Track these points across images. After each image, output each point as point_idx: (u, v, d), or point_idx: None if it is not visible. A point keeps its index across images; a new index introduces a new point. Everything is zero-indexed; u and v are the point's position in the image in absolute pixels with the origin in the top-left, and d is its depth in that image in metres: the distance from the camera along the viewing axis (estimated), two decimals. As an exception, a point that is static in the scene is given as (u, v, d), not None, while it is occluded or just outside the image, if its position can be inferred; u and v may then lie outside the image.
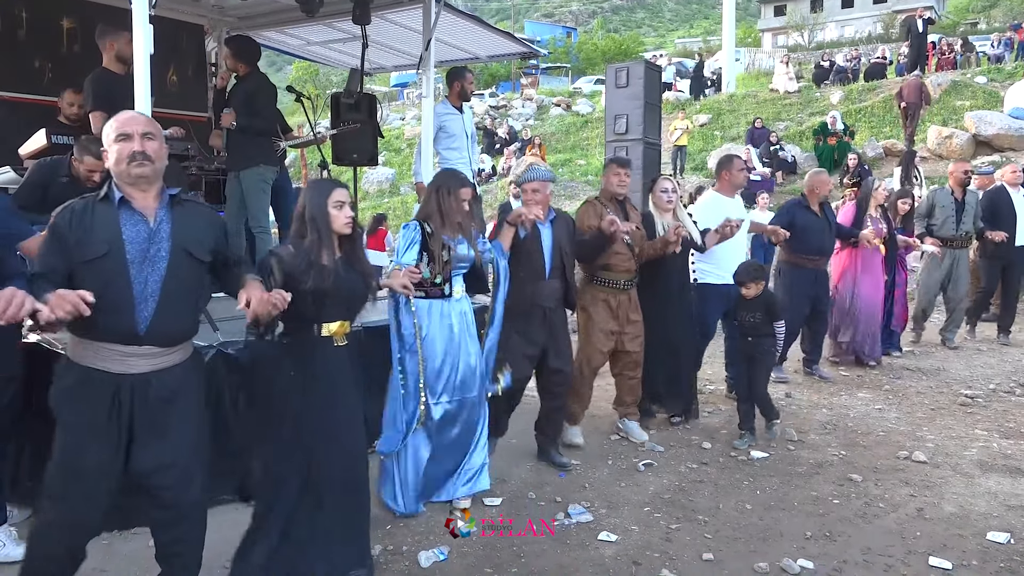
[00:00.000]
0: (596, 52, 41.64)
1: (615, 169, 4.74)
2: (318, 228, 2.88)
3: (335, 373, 2.94)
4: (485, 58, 7.91)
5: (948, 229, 7.31)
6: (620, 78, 7.25)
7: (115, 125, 2.46)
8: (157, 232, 2.45)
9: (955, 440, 4.89)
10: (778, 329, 4.74)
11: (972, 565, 3.26)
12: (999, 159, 13.66)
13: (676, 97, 22.32)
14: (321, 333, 2.90)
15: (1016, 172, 7.81)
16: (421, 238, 3.64)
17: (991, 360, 7.10)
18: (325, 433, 2.89)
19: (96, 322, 2.30)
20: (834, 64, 22.35)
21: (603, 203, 4.69)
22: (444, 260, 3.64)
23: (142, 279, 2.39)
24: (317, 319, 2.88)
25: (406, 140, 22.76)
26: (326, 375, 2.91)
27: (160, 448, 2.45)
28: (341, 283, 2.89)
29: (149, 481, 2.47)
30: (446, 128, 6.15)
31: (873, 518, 3.75)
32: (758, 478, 4.26)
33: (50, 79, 5.96)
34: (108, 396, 2.38)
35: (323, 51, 7.89)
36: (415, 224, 3.69)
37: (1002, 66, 19.16)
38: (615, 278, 4.63)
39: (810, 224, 6.08)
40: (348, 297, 2.95)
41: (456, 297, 3.76)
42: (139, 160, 2.41)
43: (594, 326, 4.65)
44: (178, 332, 2.50)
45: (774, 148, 15.18)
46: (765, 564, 3.25)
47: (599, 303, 4.65)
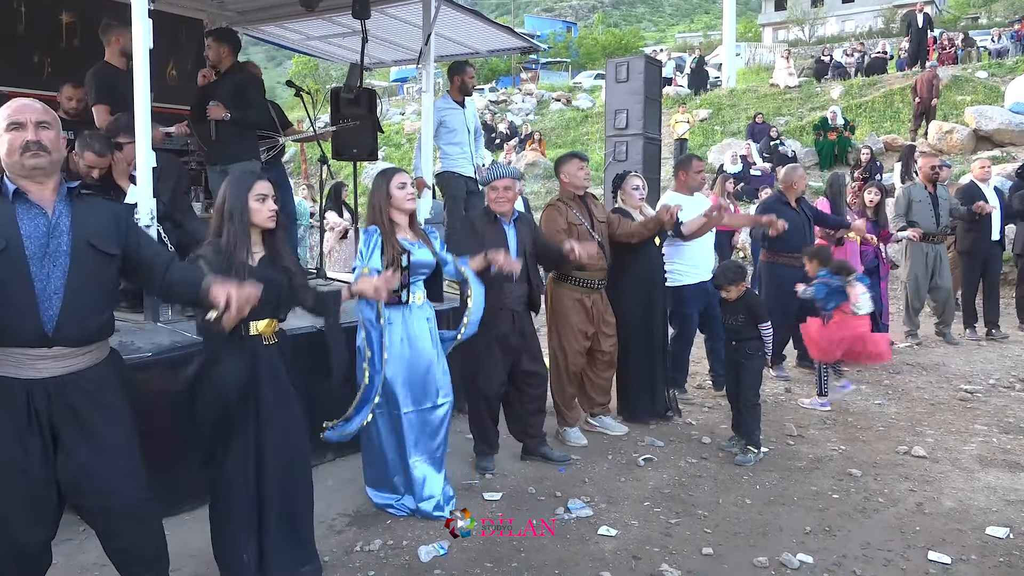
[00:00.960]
0: (596, 47, 41.50)
1: (579, 163, 4.69)
2: (236, 223, 2.80)
3: (266, 371, 2.87)
4: (485, 53, 7.88)
5: (927, 223, 7.27)
6: (620, 73, 7.23)
7: (6, 113, 2.29)
8: (56, 226, 2.29)
9: (955, 435, 4.89)
10: (764, 331, 4.54)
11: (971, 560, 3.27)
12: (1000, 154, 13.65)
13: (676, 92, 22.26)
14: (249, 332, 2.83)
15: (984, 167, 7.85)
16: (381, 242, 3.58)
17: (991, 355, 7.11)
18: (261, 431, 2.85)
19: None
20: (834, 59, 22.32)
21: (566, 203, 4.67)
22: (403, 266, 3.55)
23: (44, 275, 2.24)
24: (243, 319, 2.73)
25: (406, 135, 22.70)
26: (258, 375, 2.85)
27: (87, 453, 2.33)
28: (265, 281, 2.75)
29: (80, 487, 2.35)
30: (446, 123, 6.14)
31: (872, 513, 3.75)
32: (757, 473, 4.27)
33: (49, 74, 5.94)
34: (22, 404, 2.26)
35: (322, 46, 7.85)
36: (375, 228, 3.61)
37: (1003, 61, 19.13)
38: (589, 277, 4.60)
39: (791, 221, 5.91)
40: (274, 295, 2.83)
41: (418, 304, 3.69)
42: (33, 150, 2.25)
43: (570, 328, 4.61)
44: (88, 331, 2.35)
45: (774, 143, 15.15)
46: (764, 558, 3.25)
47: (573, 303, 4.60)
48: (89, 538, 3.32)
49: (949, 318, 7.68)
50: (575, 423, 4.79)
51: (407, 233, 3.68)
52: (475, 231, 4.19)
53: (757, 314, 4.54)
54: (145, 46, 3.90)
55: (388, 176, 3.65)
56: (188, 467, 3.56)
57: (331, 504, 3.75)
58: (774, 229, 5.68)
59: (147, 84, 3.92)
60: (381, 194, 3.63)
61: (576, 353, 4.65)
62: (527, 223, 4.35)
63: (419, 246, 3.69)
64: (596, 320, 4.67)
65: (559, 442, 4.69)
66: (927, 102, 14.79)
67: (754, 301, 4.63)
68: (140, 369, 3.42)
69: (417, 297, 3.68)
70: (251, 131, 5.33)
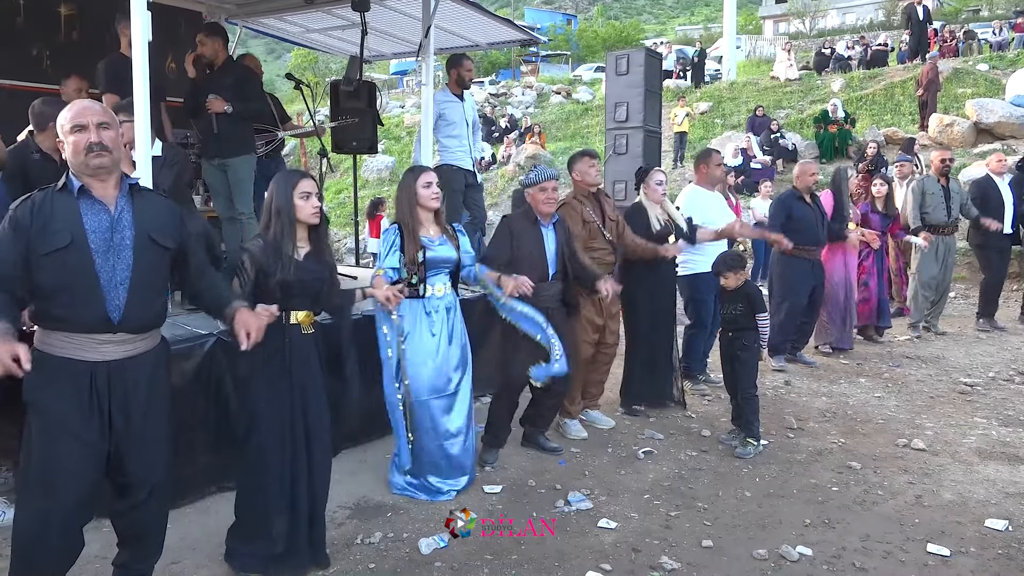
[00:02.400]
0: (596, 39, 41.44)
1: (590, 161, 4.76)
2: (283, 219, 2.96)
3: (304, 358, 3.01)
4: (485, 45, 7.87)
5: (939, 216, 7.33)
6: (620, 65, 7.21)
7: (69, 116, 2.43)
8: (119, 220, 2.43)
9: (954, 428, 4.90)
10: (761, 322, 4.53)
11: (970, 552, 3.28)
12: (1000, 147, 13.63)
13: (677, 85, 22.22)
14: (289, 321, 2.98)
15: (1001, 161, 7.86)
16: (400, 241, 3.73)
17: (991, 348, 7.11)
18: (295, 415, 2.98)
19: (64, 313, 2.34)
20: (835, 52, 22.27)
21: (580, 201, 4.72)
22: (419, 261, 3.70)
23: (108, 268, 2.38)
24: (285, 308, 2.94)
25: (406, 128, 22.67)
26: (295, 360, 2.98)
27: (137, 429, 2.46)
28: (306, 275, 2.98)
29: (124, 461, 2.47)
30: (445, 116, 6.12)
31: (872, 505, 3.76)
32: (757, 466, 4.27)
33: (49, 66, 5.93)
34: (86, 384, 2.38)
35: (322, 38, 7.84)
36: (394, 228, 3.80)
37: (1004, 53, 19.08)
38: None
39: (806, 215, 6.13)
40: (314, 289, 3.02)
41: (438, 295, 3.80)
42: (96, 151, 2.39)
43: (580, 318, 4.60)
44: (150, 318, 2.51)
45: (775, 136, 15.14)
46: (764, 551, 3.26)
47: (583, 296, 4.58)
48: (92, 529, 3.33)
49: (940, 309, 7.72)
50: (576, 415, 4.80)
51: (430, 230, 3.81)
52: (510, 234, 4.22)
53: (756, 304, 4.52)
54: (144, 38, 3.89)
55: (416, 174, 3.80)
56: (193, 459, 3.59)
57: (332, 497, 3.72)
58: (779, 246, 5.82)
59: (146, 76, 3.92)
60: (408, 192, 3.77)
61: (584, 343, 4.66)
62: (564, 224, 4.40)
63: (440, 242, 3.80)
64: (604, 313, 4.70)
65: (558, 434, 4.70)
66: (931, 94, 14.81)
67: (753, 291, 4.60)
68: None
69: (437, 289, 3.79)
70: (249, 125, 5.32)
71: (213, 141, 5.23)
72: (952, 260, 7.54)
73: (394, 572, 3.10)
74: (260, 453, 2.96)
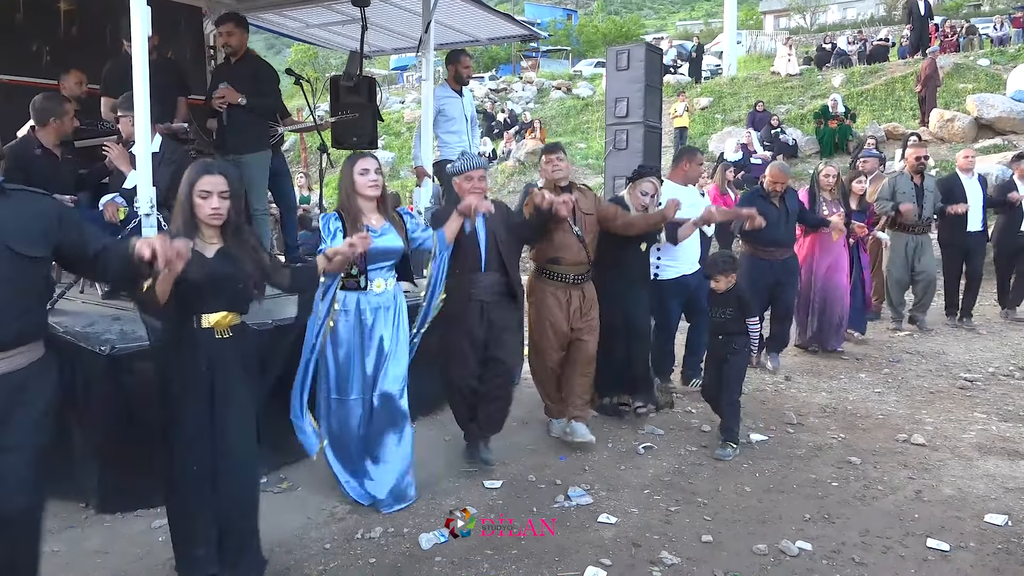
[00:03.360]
0: (597, 34, 41.30)
1: (547, 157, 4.51)
2: (183, 216, 2.77)
3: (220, 365, 2.79)
4: (485, 40, 7.85)
5: (910, 214, 7.19)
6: (621, 61, 7.19)
7: None
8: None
9: (954, 423, 4.90)
10: (751, 327, 4.40)
11: (970, 547, 3.29)
12: (1001, 142, 13.61)
13: (677, 80, 22.19)
14: (200, 325, 2.77)
15: (968, 157, 7.77)
16: (342, 227, 3.52)
17: (991, 343, 7.11)
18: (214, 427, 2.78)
19: None
20: (836, 47, 22.22)
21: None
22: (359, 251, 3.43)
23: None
24: (195, 310, 2.75)
25: (406, 124, 22.66)
26: (208, 367, 2.77)
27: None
28: (216, 275, 2.74)
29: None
30: (445, 111, 6.12)
31: (872, 500, 3.77)
32: (757, 461, 4.28)
33: (48, 62, 5.92)
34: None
35: (322, 33, 7.82)
36: (334, 214, 3.59)
37: (1005, 48, 19.04)
38: (564, 272, 4.42)
39: (768, 215, 5.76)
40: (226, 289, 2.79)
41: (376, 291, 3.61)
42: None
43: (544, 322, 4.46)
44: (11, 334, 2.26)
45: (775, 131, 15.11)
46: (764, 546, 3.27)
47: (549, 297, 4.44)
48: (92, 525, 3.35)
49: (926, 304, 7.60)
50: (561, 415, 4.62)
51: (371, 218, 3.61)
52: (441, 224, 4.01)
53: (747, 308, 4.41)
54: (144, 33, 3.89)
55: (352, 161, 3.62)
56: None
57: (332, 491, 3.76)
58: (751, 223, 5.46)
59: (145, 72, 3.91)
60: (346, 179, 3.60)
61: (550, 348, 4.49)
62: (499, 210, 4.16)
63: (383, 232, 3.59)
64: (574, 316, 4.47)
65: (557, 438, 4.61)
66: (931, 90, 14.80)
67: (744, 295, 4.47)
68: (141, 358, 3.42)
69: (377, 284, 3.61)
70: (265, 121, 5.30)
71: (229, 136, 5.24)
72: (927, 255, 7.38)
73: (394, 567, 3.10)
74: (177, 475, 2.78)
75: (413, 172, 6.73)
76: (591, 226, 4.52)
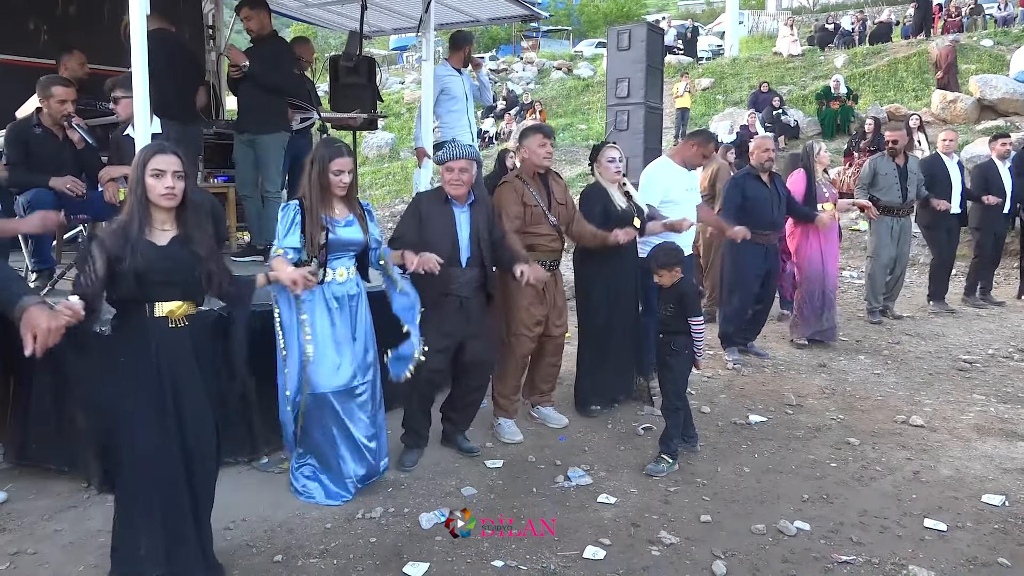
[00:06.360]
0: (598, 15, 40.98)
1: (541, 140, 4.30)
2: (135, 199, 2.61)
3: (175, 356, 2.66)
4: (486, 21, 7.79)
5: (893, 197, 7.00)
6: (622, 41, 7.13)
7: None
8: None
9: (953, 404, 4.92)
10: (694, 327, 3.94)
11: (967, 527, 3.31)
12: (1004, 124, 13.54)
13: (679, 61, 22.05)
14: (154, 314, 2.62)
15: (947, 141, 7.68)
16: (301, 219, 3.38)
17: (990, 325, 7.12)
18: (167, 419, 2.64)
19: None
20: (839, 27, 22.06)
21: (524, 181, 4.33)
22: (321, 244, 3.35)
23: None
24: (147, 299, 2.61)
25: (406, 104, 22.55)
26: (163, 358, 2.63)
27: None
28: (168, 262, 2.60)
29: None
30: (448, 90, 6.09)
31: (870, 481, 3.78)
32: (756, 442, 4.30)
33: (45, 41, 5.89)
34: None
35: (321, 13, 7.77)
36: (295, 203, 3.42)
37: (1009, 29, 18.89)
38: (540, 259, 4.24)
39: (761, 196, 5.72)
40: (181, 277, 2.64)
41: (339, 280, 3.47)
42: None
43: (520, 311, 4.28)
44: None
45: (776, 112, 15.04)
46: (762, 526, 3.29)
47: (525, 286, 4.15)
48: (94, 505, 3.37)
49: (896, 293, 7.49)
50: (513, 415, 4.44)
51: (336, 209, 3.47)
52: (418, 213, 3.90)
53: (688, 307, 3.96)
54: (142, 12, 3.86)
55: (327, 154, 3.41)
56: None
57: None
58: (735, 238, 5.37)
59: (144, 51, 3.89)
60: (315, 170, 3.40)
61: (525, 337, 4.32)
62: (485, 206, 4.03)
63: (346, 223, 3.47)
64: (548, 303, 4.36)
65: (492, 435, 4.38)
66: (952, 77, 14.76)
67: (688, 291, 4.03)
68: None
69: (339, 274, 3.47)
70: (279, 101, 5.25)
71: (243, 116, 5.21)
72: (906, 242, 7.24)
73: (395, 546, 3.12)
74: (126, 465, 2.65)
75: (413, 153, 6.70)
76: (565, 215, 4.43)
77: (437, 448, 4.15)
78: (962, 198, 7.61)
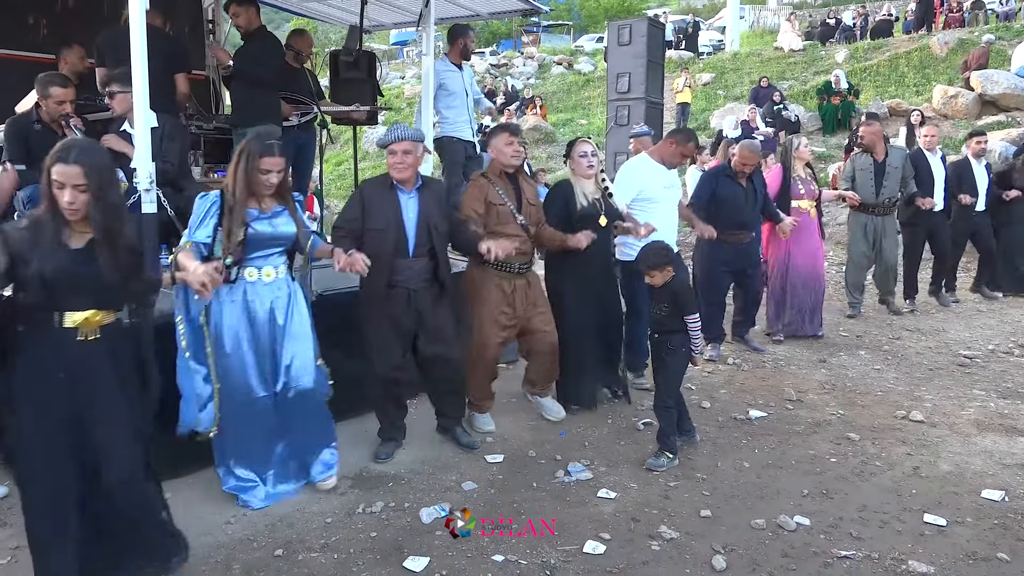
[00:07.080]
0: (599, 9, 40.90)
1: (508, 138, 4.20)
2: (48, 202, 2.42)
3: (85, 369, 2.48)
4: (486, 15, 7.76)
5: (867, 194, 6.88)
6: (622, 36, 7.15)
7: None
8: None
9: (953, 400, 4.92)
10: (691, 325, 3.91)
11: (966, 522, 3.31)
12: (1005, 119, 13.53)
13: (679, 55, 22.02)
14: (62, 324, 2.45)
15: (928, 137, 7.60)
16: (219, 211, 3.17)
17: (990, 321, 7.12)
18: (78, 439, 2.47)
19: None
20: (840, 22, 22.03)
21: (491, 180, 4.21)
22: (239, 240, 3.15)
23: None
24: (56, 307, 2.44)
25: (406, 99, 22.52)
26: (70, 372, 2.46)
27: None
28: (80, 268, 2.42)
29: None
30: (446, 86, 6.08)
31: (870, 476, 3.79)
32: (756, 437, 4.30)
33: (45, 36, 5.87)
34: None
35: (321, 8, 7.74)
36: (214, 195, 3.22)
37: (1010, 24, 18.85)
38: (508, 262, 4.11)
39: (732, 195, 5.62)
40: (93, 287, 2.45)
41: (265, 280, 3.30)
42: None
43: (486, 314, 4.18)
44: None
45: (777, 107, 15.02)
46: (762, 521, 3.29)
47: (492, 288, 4.14)
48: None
49: (891, 288, 7.39)
50: (486, 410, 4.38)
51: (262, 202, 3.28)
52: (361, 201, 3.73)
53: (683, 305, 3.92)
54: (142, 7, 3.85)
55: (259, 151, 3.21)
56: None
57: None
58: (703, 235, 5.36)
59: (143, 44, 3.87)
60: (244, 166, 3.19)
61: (491, 342, 4.20)
62: (435, 192, 3.88)
63: (272, 215, 3.28)
64: (519, 306, 4.26)
65: (470, 426, 4.33)
66: None
67: (681, 289, 3.99)
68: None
69: (265, 273, 3.30)
70: (269, 95, 5.25)
71: (237, 111, 5.24)
72: (889, 238, 7.07)
73: (395, 541, 3.13)
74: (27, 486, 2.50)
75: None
76: (535, 216, 4.36)
77: (437, 443, 4.15)
78: (945, 194, 7.53)
